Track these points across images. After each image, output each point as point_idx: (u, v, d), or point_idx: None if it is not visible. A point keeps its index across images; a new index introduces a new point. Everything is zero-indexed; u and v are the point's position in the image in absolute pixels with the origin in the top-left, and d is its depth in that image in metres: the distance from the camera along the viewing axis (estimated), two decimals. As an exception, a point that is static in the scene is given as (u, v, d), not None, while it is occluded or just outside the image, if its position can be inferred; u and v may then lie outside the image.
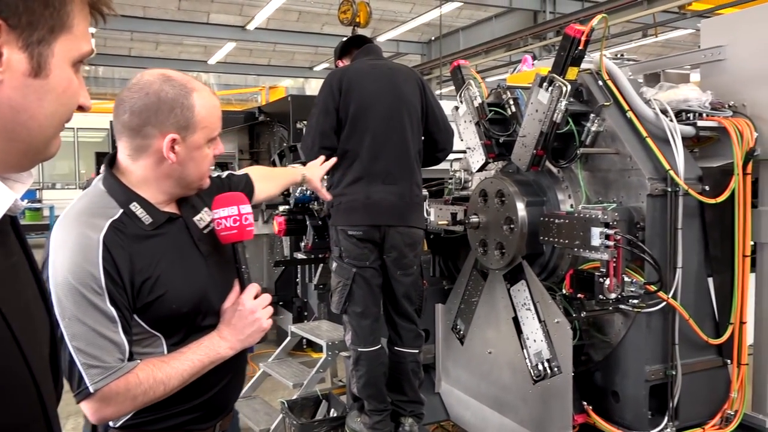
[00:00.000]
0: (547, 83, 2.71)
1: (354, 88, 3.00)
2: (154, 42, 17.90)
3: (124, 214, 1.52)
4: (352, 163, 2.98)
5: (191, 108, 1.54)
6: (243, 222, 1.62)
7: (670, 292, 2.54)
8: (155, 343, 1.56)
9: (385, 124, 2.99)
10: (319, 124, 3.01)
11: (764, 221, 2.72)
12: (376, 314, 3.05)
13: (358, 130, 2.98)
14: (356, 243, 2.96)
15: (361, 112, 2.99)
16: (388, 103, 3.02)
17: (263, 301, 1.64)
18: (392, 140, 2.99)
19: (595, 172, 2.80)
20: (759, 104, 2.73)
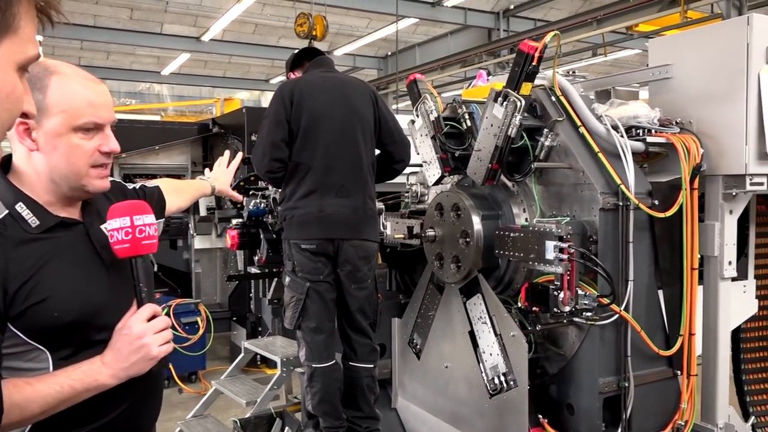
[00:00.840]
0: (502, 98, 2.74)
1: (305, 100, 2.97)
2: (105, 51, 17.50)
3: (9, 215, 1.44)
4: (305, 176, 2.95)
5: (43, 90, 1.44)
6: (137, 235, 1.46)
7: (623, 304, 2.57)
8: (39, 358, 1.43)
9: (337, 136, 2.97)
10: (270, 135, 2.96)
11: (710, 235, 2.80)
12: (330, 329, 3.00)
13: (310, 143, 2.95)
14: (309, 257, 2.91)
15: (313, 125, 2.96)
16: (340, 116, 3.00)
17: (156, 325, 1.47)
18: (345, 153, 2.97)
19: (549, 186, 2.83)
20: (704, 121, 2.81)
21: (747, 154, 2.65)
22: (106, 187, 1.56)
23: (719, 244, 2.79)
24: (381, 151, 3.20)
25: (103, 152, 1.50)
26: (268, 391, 3.64)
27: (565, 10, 13.20)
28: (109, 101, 1.53)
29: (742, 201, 2.82)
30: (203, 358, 5.22)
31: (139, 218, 1.47)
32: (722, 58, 2.74)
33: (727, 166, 2.73)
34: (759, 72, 2.66)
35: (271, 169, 3.00)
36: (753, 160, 2.66)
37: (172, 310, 5.00)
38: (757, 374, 3.62)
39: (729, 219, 2.80)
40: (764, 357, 3.67)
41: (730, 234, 2.81)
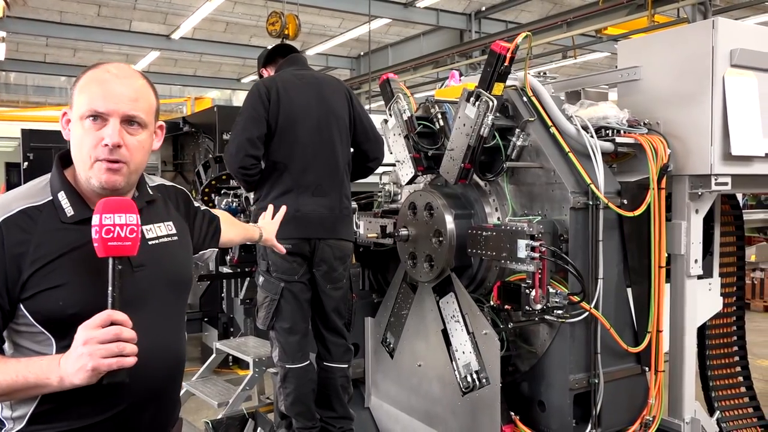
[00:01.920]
0: (474, 98, 2.76)
1: (283, 98, 2.95)
2: (72, 48, 17.16)
3: (50, 202, 1.50)
4: (281, 175, 2.93)
5: (79, 79, 1.51)
6: (103, 235, 1.39)
7: (592, 302, 2.61)
8: (44, 342, 1.46)
9: (314, 136, 2.96)
10: (246, 131, 2.93)
11: (677, 233, 2.86)
12: (304, 330, 2.99)
13: (286, 142, 2.93)
14: (285, 257, 2.89)
15: (290, 124, 2.94)
16: (317, 116, 2.99)
17: (99, 335, 1.34)
18: (322, 152, 2.96)
19: (520, 186, 2.86)
20: (671, 122, 2.87)
21: (712, 155, 2.72)
22: (115, 183, 1.49)
23: (686, 242, 2.85)
24: (355, 149, 3.20)
25: (105, 145, 1.46)
26: (240, 392, 3.61)
27: (535, 12, 13.36)
28: (124, 94, 1.49)
29: (707, 200, 2.89)
30: (174, 359, 5.15)
31: (108, 217, 1.40)
32: (688, 60, 2.80)
33: (693, 167, 2.79)
34: (723, 75, 2.72)
35: (244, 165, 2.96)
36: (718, 161, 2.72)
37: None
38: (721, 370, 3.72)
39: (695, 218, 2.86)
40: (728, 353, 3.76)
41: (696, 233, 2.87)
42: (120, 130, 1.48)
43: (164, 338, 1.60)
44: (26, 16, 13.56)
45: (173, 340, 1.65)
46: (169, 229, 1.68)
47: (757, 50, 2.79)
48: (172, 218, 1.71)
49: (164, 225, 1.67)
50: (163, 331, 1.60)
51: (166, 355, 1.60)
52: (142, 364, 1.44)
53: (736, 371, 3.77)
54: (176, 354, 1.66)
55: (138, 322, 1.44)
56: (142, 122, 1.53)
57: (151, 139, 1.59)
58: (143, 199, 1.63)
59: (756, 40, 2.83)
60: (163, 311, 1.60)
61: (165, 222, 1.68)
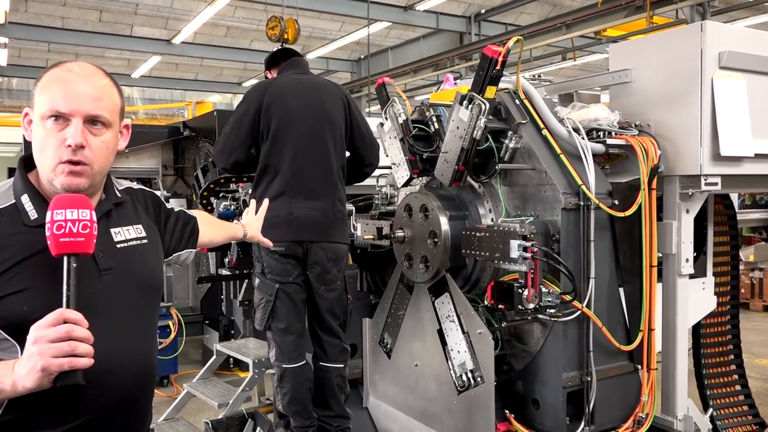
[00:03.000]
0: (467, 101, 2.81)
1: (277, 102, 3.01)
2: (74, 54, 17.22)
3: (13, 206, 1.46)
4: (274, 178, 2.99)
5: (40, 79, 1.47)
6: (54, 231, 1.33)
7: (584, 301, 2.66)
8: (10, 349, 1.40)
9: (307, 140, 3.01)
10: (233, 132, 3.02)
11: (668, 233, 2.90)
12: (300, 330, 3.04)
13: (279, 146, 2.99)
14: (279, 259, 2.95)
15: (283, 128, 3.00)
16: (311, 120, 3.04)
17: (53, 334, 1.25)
18: (315, 156, 3.01)
19: (513, 187, 2.91)
20: (662, 124, 2.91)
21: (701, 156, 2.76)
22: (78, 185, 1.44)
23: (677, 242, 2.89)
24: (352, 153, 3.26)
25: (68, 146, 1.42)
26: (240, 393, 3.66)
27: (535, 14, 13.40)
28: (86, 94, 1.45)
29: (698, 200, 2.93)
30: (175, 361, 5.20)
31: (59, 213, 1.34)
32: (678, 63, 2.85)
33: (683, 167, 2.83)
34: (712, 77, 2.77)
35: (226, 167, 3.07)
36: (707, 161, 2.77)
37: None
38: (716, 368, 3.76)
39: (686, 218, 2.91)
40: (723, 351, 3.80)
41: (686, 232, 2.91)
42: (83, 130, 1.43)
43: (133, 345, 1.54)
44: (28, 22, 13.65)
45: (142, 346, 1.58)
46: (138, 232, 1.63)
47: (745, 52, 2.84)
48: (141, 221, 1.66)
49: (133, 228, 1.62)
50: (132, 338, 1.54)
51: (134, 363, 1.53)
52: (109, 371, 1.40)
53: (731, 369, 3.80)
54: (146, 361, 1.59)
55: (105, 327, 1.39)
56: (106, 122, 1.48)
57: (116, 139, 1.54)
58: (111, 201, 1.59)
59: (744, 43, 2.88)
60: (132, 317, 1.55)
61: (134, 225, 1.63)
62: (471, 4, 13.38)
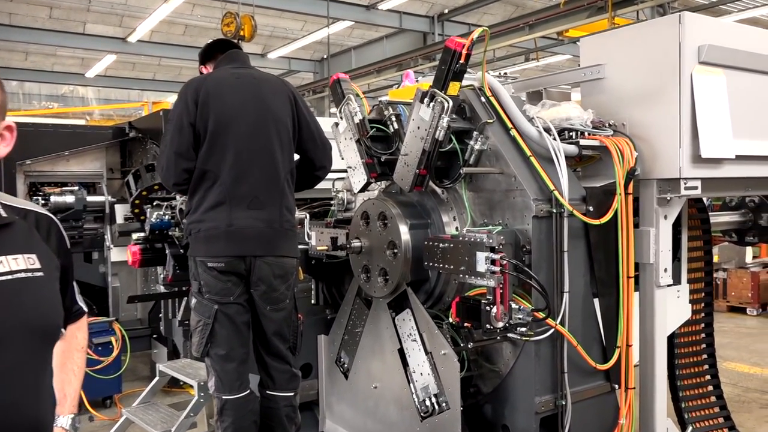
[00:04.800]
0: (429, 98, 2.55)
1: (212, 100, 2.67)
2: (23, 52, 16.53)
3: None
4: (212, 185, 2.65)
5: None
6: None
7: (558, 318, 2.42)
8: None
9: (249, 141, 2.67)
10: (174, 143, 2.65)
11: (645, 241, 2.69)
12: (242, 356, 2.70)
13: (217, 149, 2.65)
14: (218, 276, 2.62)
15: (221, 128, 2.66)
16: (252, 118, 2.71)
17: None
18: (258, 160, 2.68)
19: (479, 193, 2.66)
20: (637, 123, 2.71)
21: (681, 158, 2.56)
22: None
23: (654, 250, 2.69)
24: (301, 156, 2.94)
25: None
26: (183, 419, 3.33)
27: (498, 15, 13.31)
28: None
29: (676, 206, 2.73)
30: (119, 380, 4.81)
31: None
32: (654, 57, 2.64)
33: (661, 170, 2.63)
34: (691, 72, 2.57)
35: (178, 181, 2.68)
36: (687, 164, 2.57)
37: (83, 330, 4.57)
38: (691, 379, 3.57)
39: (664, 224, 2.70)
40: (698, 362, 3.62)
41: (665, 240, 2.71)
42: None
43: (14, 397, 1.30)
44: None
45: (27, 398, 1.34)
46: (30, 263, 1.37)
47: (726, 46, 2.65)
48: (36, 250, 1.41)
49: (23, 257, 1.37)
50: (14, 389, 1.30)
51: (15, 419, 1.30)
52: None
53: (706, 380, 3.63)
54: (30, 417, 1.35)
55: None
56: None
57: None
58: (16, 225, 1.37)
59: (724, 36, 2.69)
60: (16, 364, 1.31)
61: (26, 254, 1.38)
62: (434, 3, 13.22)
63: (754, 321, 7.96)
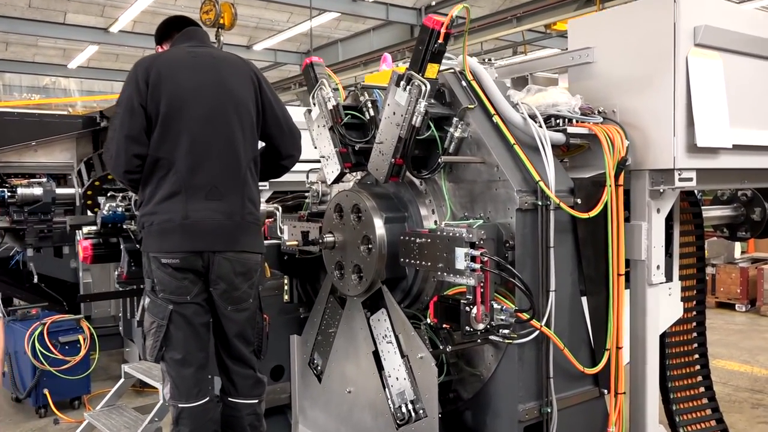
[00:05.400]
0: (405, 82, 2.36)
1: (165, 80, 2.44)
2: (4, 42, 16.15)
3: None
4: (166, 174, 2.42)
5: None
6: None
7: (543, 319, 2.25)
8: None
9: (206, 126, 2.45)
10: (124, 126, 2.41)
11: (636, 236, 2.52)
12: (201, 361, 2.49)
13: (171, 134, 2.43)
14: (173, 273, 2.40)
15: (174, 111, 2.43)
16: (209, 101, 2.48)
17: None
18: (216, 146, 2.46)
19: (460, 184, 2.48)
20: (628, 110, 2.53)
21: (675, 147, 2.39)
22: None
23: (646, 246, 2.52)
24: (267, 143, 2.73)
25: None
26: (147, 425, 3.13)
27: (486, 7, 13.11)
28: None
29: (670, 198, 2.57)
30: (87, 381, 4.59)
31: None
32: (647, 40, 2.46)
33: (654, 160, 2.46)
34: (687, 55, 2.39)
35: (129, 168, 2.44)
36: (682, 153, 2.40)
37: (47, 329, 4.37)
38: (682, 380, 3.41)
39: (656, 218, 2.54)
40: (689, 362, 3.47)
41: (657, 235, 2.54)
42: None
43: None
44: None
45: None
46: None
47: (723, 28, 2.47)
48: None
49: None
50: None
51: None
52: None
53: (698, 381, 3.48)
54: None
55: None
56: None
57: None
58: None
59: (722, 18, 2.51)
60: None
61: None
62: (421, -5, 13.02)
63: (743, 317, 7.86)
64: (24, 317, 4.69)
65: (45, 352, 4.33)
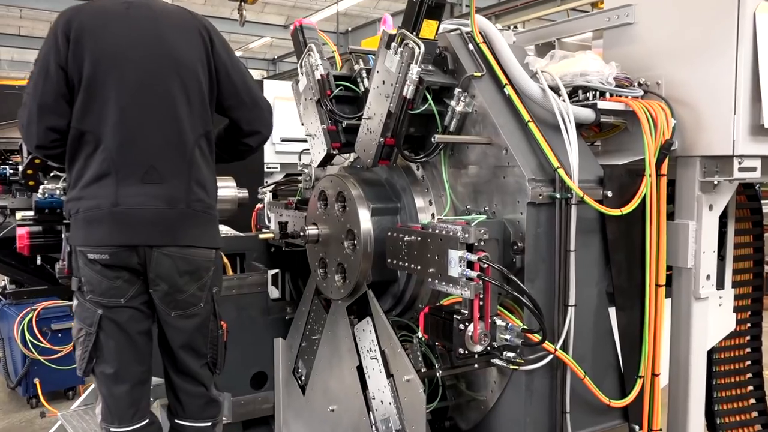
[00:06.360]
0: (397, 43, 1.93)
1: (89, 35, 2.01)
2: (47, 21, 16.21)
3: None
4: (93, 151, 2.01)
5: None
6: None
7: (559, 341, 1.80)
8: None
9: (140, 92, 2.00)
10: (37, 92, 2.02)
11: (682, 239, 2.04)
12: (139, 376, 2.11)
13: (97, 102, 2.01)
14: (102, 271, 2.02)
15: (101, 74, 2.00)
16: (145, 62, 2.03)
17: None
18: (154, 117, 2.02)
19: (462, 170, 2.03)
20: (677, 82, 2.05)
21: (736, 128, 1.90)
22: None
23: (694, 251, 2.04)
24: (226, 117, 2.30)
25: None
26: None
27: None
28: None
29: (725, 192, 2.08)
30: (83, 370, 4.36)
31: None
32: (704, -7, 1.97)
33: (707, 145, 1.98)
34: (754, 11, 1.89)
35: (42, 143, 2.04)
36: (744, 137, 1.91)
37: (37, 315, 4.12)
38: (731, 404, 2.92)
39: (708, 217, 2.06)
40: (740, 382, 2.96)
41: (709, 238, 2.07)
42: None
43: None
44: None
45: None
46: None
47: (803, -24, 1.96)
48: None
49: None
50: None
51: None
52: None
53: (750, 404, 2.99)
54: None
55: None
56: None
57: None
58: None
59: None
60: None
61: None
62: (463, -30, 12.40)
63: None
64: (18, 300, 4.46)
65: (34, 341, 4.08)
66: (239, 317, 2.73)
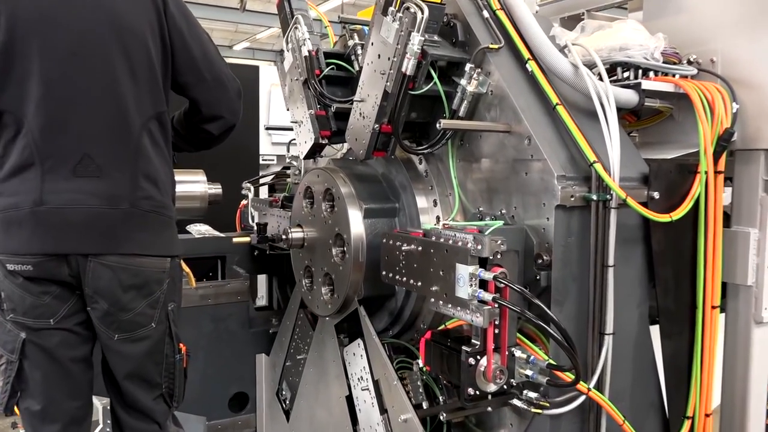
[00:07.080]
0: (395, 8, 1.58)
1: None
2: None
3: None
4: (14, 136, 1.62)
5: None
6: None
7: (594, 377, 1.45)
8: None
9: (71, 63, 1.58)
10: None
11: (741, 249, 1.68)
12: (72, 413, 1.74)
13: (15, 75, 1.60)
14: (24, 285, 1.64)
15: (20, 41, 1.58)
16: (77, 25, 1.60)
17: None
18: (89, 94, 1.60)
19: (474, 164, 1.68)
20: (736, 60, 1.69)
21: (814, 115, 1.54)
22: None
23: (756, 265, 1.68)
24: (184, 97, 1.90)
25: None
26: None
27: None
28: None
29: (795, 194, 1.71)
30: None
31: None
32: (774, -51, 1.60)
33: (776, 135, 1.61)
34: (841, -30, 1.53)
35: None
36: (824, 125, 1.54)
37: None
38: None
39: (774, 224, 1.69)
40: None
41: (774, 249, 1.70)
42: None
43: None
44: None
45: None
46: None
47: None
48: None
49: None
50: None
51: None
52: None
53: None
54: None
55: None
56: None
57: None
58: None
59: None
60: None
61: None
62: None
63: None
64: None
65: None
66: (216, 330, 2.41)
